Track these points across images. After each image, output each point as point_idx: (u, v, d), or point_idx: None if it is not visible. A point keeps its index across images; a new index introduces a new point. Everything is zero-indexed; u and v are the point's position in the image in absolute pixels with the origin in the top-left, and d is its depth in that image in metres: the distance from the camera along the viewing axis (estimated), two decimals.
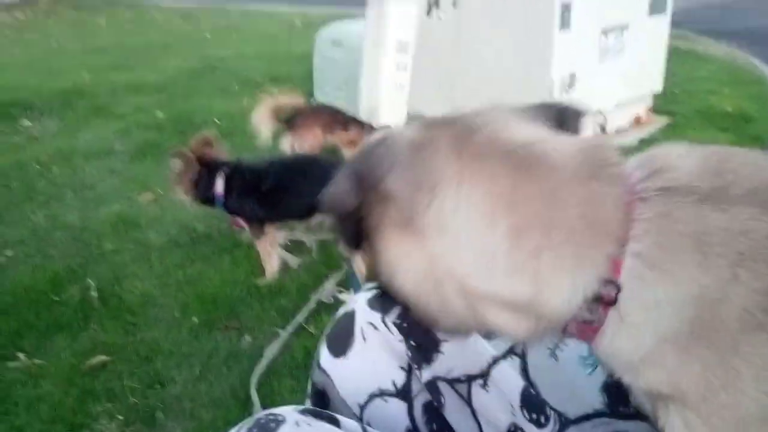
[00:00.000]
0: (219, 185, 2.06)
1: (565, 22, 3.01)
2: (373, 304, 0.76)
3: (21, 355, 1.80)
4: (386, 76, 3.26)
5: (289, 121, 2.94)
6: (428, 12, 3.51)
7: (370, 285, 0.81)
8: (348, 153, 3.04)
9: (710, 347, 0.42)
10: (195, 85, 4.98)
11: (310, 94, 4.41)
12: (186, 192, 2.08)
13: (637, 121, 3.81)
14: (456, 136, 0.50)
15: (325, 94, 4.23)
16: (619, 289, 0.44)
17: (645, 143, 3.50)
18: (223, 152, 2.18)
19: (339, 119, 3.04)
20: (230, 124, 3.88)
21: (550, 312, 0.47)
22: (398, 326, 0.74)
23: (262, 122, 2.87)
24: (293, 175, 2.09)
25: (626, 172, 0.47)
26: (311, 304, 1.93)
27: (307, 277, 2.14)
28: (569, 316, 0.47)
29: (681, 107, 4.05)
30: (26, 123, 3.93)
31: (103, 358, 1.77)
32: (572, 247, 0.45)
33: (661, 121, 3.86)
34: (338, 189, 0.52)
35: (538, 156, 0.47)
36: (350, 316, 0.77)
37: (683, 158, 0.47)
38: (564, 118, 0.57)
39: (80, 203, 2.72)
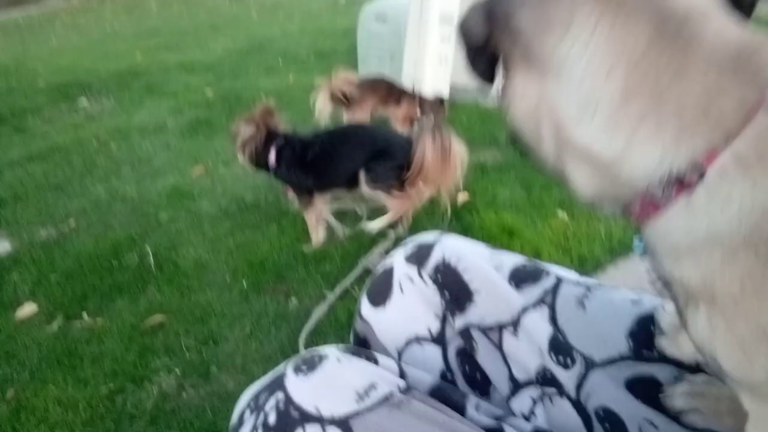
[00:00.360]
0: (272, 155, 2.17)
1: None
2: (410, 258, 0.80)
3: (85, 315, 1.94)
4: (430, 49, 3.26)
5: (346, 96, 3.01)
6: None
7: (407, 242, 0.85)
8: (400, 127, 3.07)
9: (757, 255, 0.43)
10: (242, 64, 5.09)
11: (354, 68, 4.45)
12: (246, 157, 2.20)
13: None
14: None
15: (369, 68, 4.25)
16: (702, 176, 0.45)
17: None
18: (281, 123, 2.28)
19: (393, 93, 3.07)
20: (277, 100, 3.93)
21: (628, 177, 0.47)
22: (433, 279, 0.78)
23: (322, 106, 2.95)
24: (337, 144, 2.16)
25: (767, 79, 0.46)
26: (358, 270, 2.00)
27: (350, 245, 2.20)
28: (643, 187, 0.47)
29: None
30: (84, 103, 4.12)
31: (160, 317, 1.88)
32: (678, 122, 0.45)
33: None
34: (469, 20, 0.52)
35: (691, 32, 0.45)
36: (389, 270, 0.81)
37: None
38: None
39: (137, 176, 2.86)
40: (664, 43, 0.45)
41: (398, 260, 0.81)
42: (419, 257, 0.80)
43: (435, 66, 3.29)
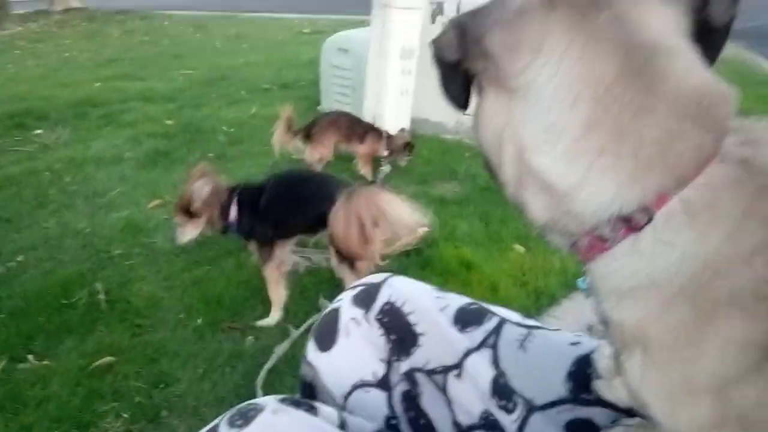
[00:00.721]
0: (233, 212, 2.00)
1: None
2: (357, 301, 0.80)
3: (30, 357, 1.85)
4: (391, 82, 3.31)
5: (307, 131, 3.02)
6: (432, 19, 3.56)
7: (355, 284, 0.85)
8: (363, 165, 3.08)
9: (693, 307, 0.44)
10: (204, 94, 5.06)
11: (317, 101, 4.47)
12: (212, 225, 2.02)
13: None
14: (582, 6, 0.49)
15: (331, 100, 4.29)
16: (649, 220, 0.45)
17: None
18: (218, 179, 2.06)
19: (357, 130, 3.09)
20: (239, 132, 3.95)
21: (579, 211, 0.48)
22: (379, 321, 0.78)
23: (280, 142, 2.95)
24: (292, 187, 2.06)
25: (727, 129, 0.46)
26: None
27: (308, 280, 2.18)
28: (593, 223, 0.48)
29: None
30: (39, 132, 4.02)
31: (109, 359, 1.81)
32: (634, 161, 0.45)
33: None
34: (443, 38, 0.52)
35: (656, 69, 0.46)
36: (335, 313, 0.81)
37: None
38: (709, 2, 0.53)
39: (91, 210, 2.79)
40: (629, 77, 0.46)
41: (345, 302, 0.81)
42: (366, 299, 0.80)
43: (396, 99, 3.33)
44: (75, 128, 4.14)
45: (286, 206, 2.00)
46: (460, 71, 0.53)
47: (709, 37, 0.51)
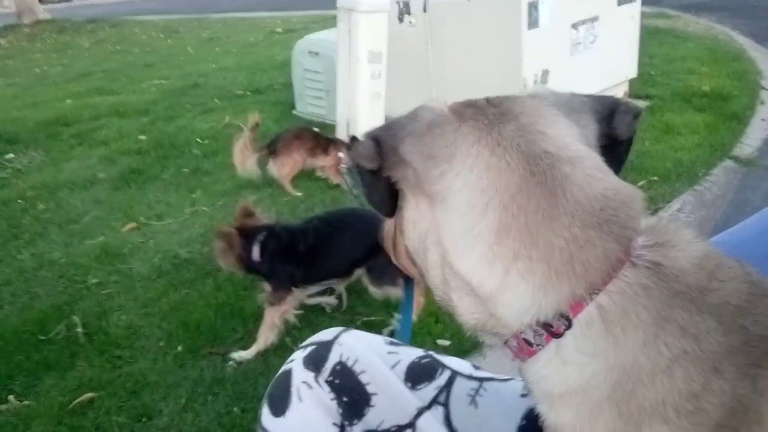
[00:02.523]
0: (255, 252, 1.92)
1: (533, 21, 3.03)
2: (307, 363, 0.79)
3: (11, 398, 1.84)
4: (362, 86, 3.29)
5: (271, 146, 2.99)
6: (400, 18, 3.53)
7: (306, 343, 0.83)
8: (332, 175, 3.07)
9: (620, 415, 0.44)
10: (177, 104, 5.00)
11: (291, 105, 4.44)
12: (234, 268, 1.96)
13: None
14: (487, 118, 0.52)
15: (306, 104, 4.26)
16: (569, 327, 0.46)
17: None
18: (262, 217, 2.05)
19: (321, 143, 3.08)
20: (213, 144, 3.91)
21: (501, 316, 0.49)
22: (330, 384, 0.77)
23: (242, 159, 2.91)
24: (332, 232, 1.98)
25: (634, 233, 0.48)
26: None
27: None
28: (516, 328, 0.49)
29: (659, 90, 4.07)
30: (10, 156, 3.96)
31: (90, 394, 1.80)
32: (546, 269, 0.46)
33: (630, 101, 3.88)
34: (362, 150, 0.54)
35: (559, 177, 0.48)
36: (287, 375, 0.79)
37: (689, 244, 0.48)
38: (614, 114, 0.56)
39: (65, 238, 2.75)
40: (533, 185, 0.48)
41: (296, 365, 0.80)
42: (316, 361, 0.79)
43: (367, 103, 3.31)
44: (47, 150, 4.08)
45: (331, 249, 1.94)
46: (382, 179, 0.55)
47: (614, 148, 0.55)
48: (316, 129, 3.31)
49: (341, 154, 3.05)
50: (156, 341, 2.02)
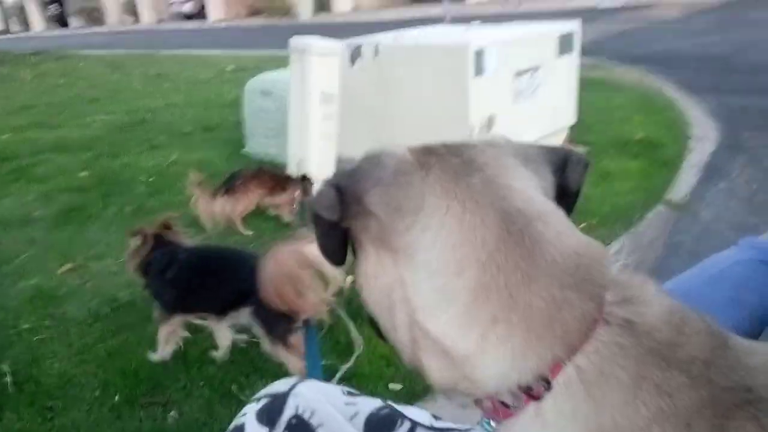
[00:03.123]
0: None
1: (479, 69, 3.14)
2: (261, 417, 0.76)
3: None
4: (313, 127, 3.31)
5: (227, 183, 2.96)
6: (352, 61, 3.60)
7: (260, 394, 0.81)
8: (286, 213, 3.06)
9: None
10: (122, 141, 4.90)
11: (242, 144, 4.41)
12: (136, 274, 2.01)
13: None
14: (454, 168, 0.50)
15: (257, 143, 4.24)
16: (548, 389, 0.45)
17: None
18: (181, 237, 2.07)
19: (280, 182, 3.07)
20: (159, 181, 3.83)
21: (478, 379, 0.47)
22: None
23: (210, 215, 2.86)
24: (207, 265, 1.98)
25: (605, 290, 0.47)
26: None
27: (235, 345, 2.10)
28: (493, 390, 0.47)
29: (596, 137, 4.25)
30: None
31: None
32: (526, 333, 0.45)
33: (579, 151, 4.05)
34: (323, 199, 0.51)
35: (534, 236, 0.47)
36: (239, 431, 0.76)
37: (655, 299, 0.47)
38: (566, 165, 0.56)
39: None
40: (510, 245, 0.47)
41: (249, 419, 0.77)
42: (270, 414, 0.76)
43: (319, 144, 3.33)
44: None
45: (196, 283, 1.92)
46: (338, 229, 0.53)
47: (564, 199, 0.55)
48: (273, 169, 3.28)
49: (296, 193, 3.05)
50: (91, 390, 1.92)
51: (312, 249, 1.81)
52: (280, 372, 1.96)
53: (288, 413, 0.76)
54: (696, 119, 4.60)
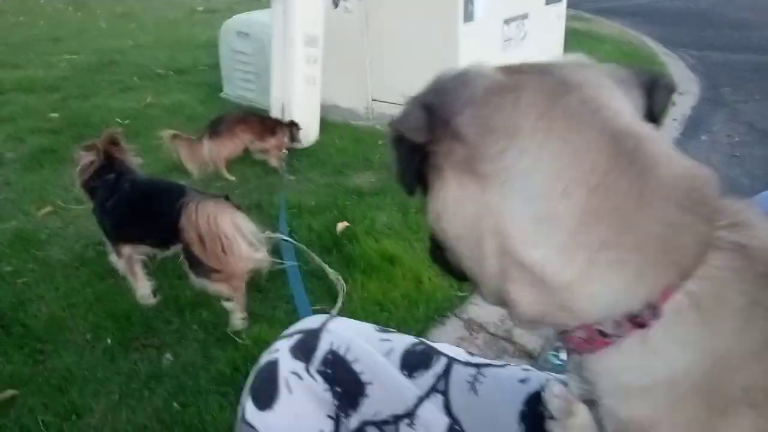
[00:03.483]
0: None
1: (468, 15, 3.07)
2: (296, 352, 0.75)
3: None
4: (297, 71, 3.22)
5: (212, 127, 2.87)
6: (335, 3, 3.48)
7: (290, 330, 0.80)
8: (274, 159, 2.99)
9: (705, 403, 0.43)
10: (92, 82, 4.69)
11: (218, 87, 4.27)
12: (81, 185, 2.04)
13: None
14: (549, 88, 0.47)
15: (234, 87, 4.11)
16: (657, 316, 0.43)
17: None
18: (128, 155, 2.07)
19: (268, 126, 3.00)
20: (134, 124, 3.69)
21: (579, 308, 0.45)
22: (322, 374, 0.73)
23: (194, 160, 2.79)
24: (146, 199, 1.96)
25: (718, 214, 0.45)
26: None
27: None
28: (593, 318, 0.45)
29: None
30: None
31: (11, 392, 1.65)
32: (639, 258, 0.43)
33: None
34: (410, 120, 0.47)
35: (646, 157, 0.44)
36: (273, 366, 0.75)
37: (763, 223, 0.45)
38: (654, 88, 0.53)
39: None
40: (623, 166, 0.44)
41: (283, 354, 0.75)
42: (305, 350, 0.75)
43: (303, 88, 3.24)
44: None
45: (133, 215, 1.94)
46: (419, 153, 0.49)
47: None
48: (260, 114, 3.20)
49: (284, 139, 2.98)
50: (81, 333, 1.88)
51: (235, 217, 1.82)
52: (274, 316, 1.95)
53: (323, 349, 0.76)
54: (677, 73, 4.63)
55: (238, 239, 1.78)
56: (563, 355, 0.55)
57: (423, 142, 0.48)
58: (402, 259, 2.22)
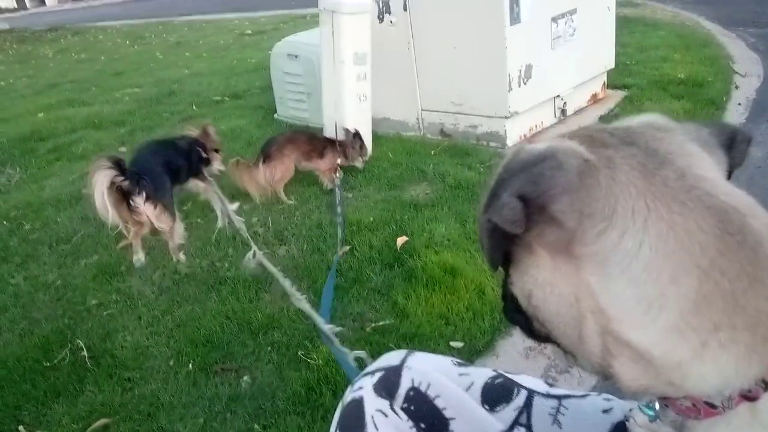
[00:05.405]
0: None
1: (514, 17, 3.05)
2: (379, 390, 0.78)
3: (21, 428, 1.79)
4: (347, 89, 3.28)
5: (264, 150, 2.97)
6: (380, 18, 3.53)
7: (372, 368, 0.83)
8: (325, 179, 3.06)
9: None
10: (154, 113, 4.92)
11: (272, 109, 4.40)
12: None
13: (594, 99, 3.89)
14: (640, 163, 0.46)
15: (287, 108, 4.23)
16: (766, 389, 0.44)
17: (604, 119, 3.58)
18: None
19: (317, 146, 3.06)
20: None
21: (689, 386, 0.46)
22: (406, 411, 0.76)
23: (255, 184, 2.93)
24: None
25: None
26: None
27: (296, 309, 2.15)
28: (703, 395, 0.46)
29: (635, 79, 4.14)
30: None
31: (104, 420, 1.77)
32: (750, 337, 0.43)
33: (617, 95, 3.95)
34: (506, 213, 0.46)
35: (753, 234, 0.44)
36: (359, 404, 0.77)
37: None
38: (733, 144, 0.53)
39: (57, 259, 2.69)
40: (732, 247, 0.44)
41: (367, 392, 0.78)
42: (388, 388, 0.78)
43: (354, 105, 3.30)
44: (25, 167, 3.98)
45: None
46: (509, 237, 0.49)
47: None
48: (311, 133, 3.29)
49: (337, 158, 3.05)
50: (165, 360, 2.00)
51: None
52: (341, 334, 2.01)
53: (405, 386, 0.78)
54: (738, 55, 4.43)
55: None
56: (656, 406, 0.56)
57: (519, 233, 0.47)
58: (463, 270, 2.23)
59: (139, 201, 2.35)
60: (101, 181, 2.22)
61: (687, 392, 0.47)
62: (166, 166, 2.62)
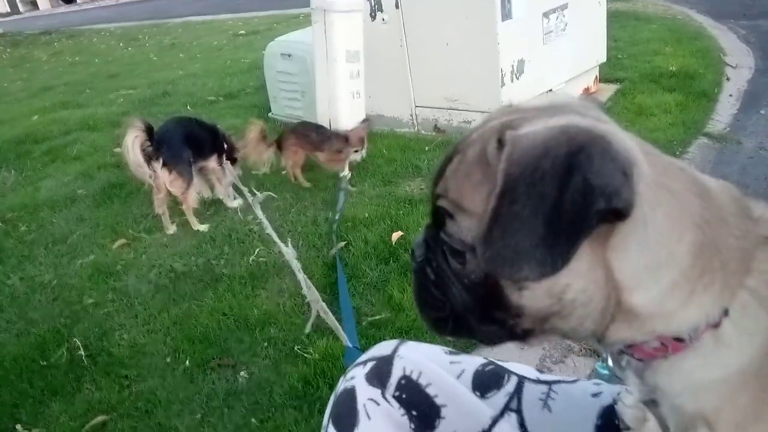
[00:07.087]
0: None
1: (506, 13, 3.06)
2: (371, 379, 0.78)
3: (18, 427, 1.80)
4: (341, 86, 3.29)
5: (279, 142, 3.05)
6: (372, 16, 3.53)
7: (364, 358, 0.84)
8: (333, 168, 3.10)
9: (763, 386, 0.48)
10: (149, 114, 4.89)
11: (266, 107, 4.40)
12: None
13: (587, 92, 3.91)
14: (648, 158, 0.49)
15: (281, 107, 4.24)
16: (727, 314, 0.48)
17: None
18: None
19: (325, 138, 3.13)
20: None
21: (672, 330, 0.49)
22: (398, 399, 0.77)
23: (256, 152, 3.07)
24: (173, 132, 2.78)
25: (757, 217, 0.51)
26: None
27: (291, 308, 2.16)
28: (679, 335, 0.49)
29: (627, 72, 4.15)
30: None
31: (102, 417, 1.78)
32: (723, 274, 0.48)
33: (610, 89, 3.96)
34: (616, 179, 0.46)
35: (707, 188, 0.51)
36: (351, 393, 0.78)
37: None
38: None
39: (53, 259, 2.70)
40: (705, 200, 0.50)
41: (359, 382, 0.79)
42: (380, 377, 0.79)
43: (348, 102, 3.31)
44: (20, 169, 3.98)
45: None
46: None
47: None
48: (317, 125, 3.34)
49: (340, 152, 3.10)
50: (162, 357, 2.00)
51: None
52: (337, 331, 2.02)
53: (396, 374, 0.79)
54: (729, 47, 4.46)
55: None
56: (609, 363, 0.59)
57: (621, 206, 0.46)
58: None
59: (156, 166, 2.61)
60: (134, 143, 2.56)
61: (659, 334, 0.50)
62: (186, 138, 2.79)
